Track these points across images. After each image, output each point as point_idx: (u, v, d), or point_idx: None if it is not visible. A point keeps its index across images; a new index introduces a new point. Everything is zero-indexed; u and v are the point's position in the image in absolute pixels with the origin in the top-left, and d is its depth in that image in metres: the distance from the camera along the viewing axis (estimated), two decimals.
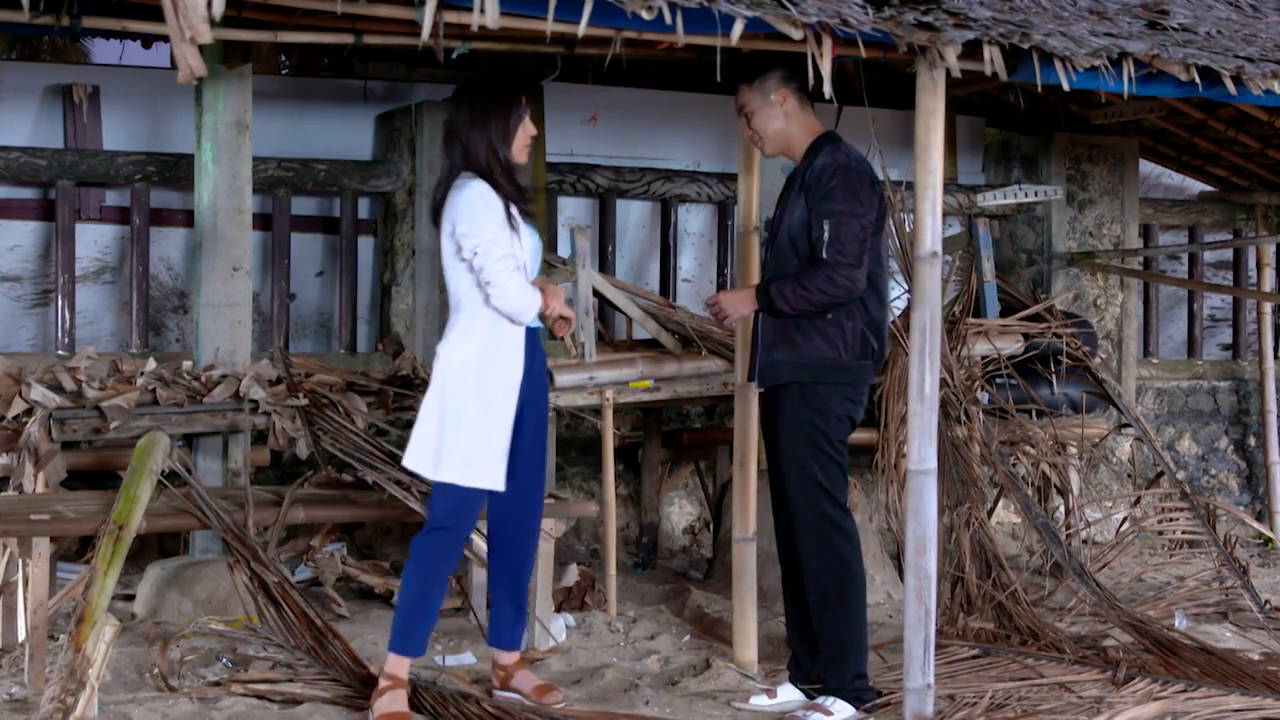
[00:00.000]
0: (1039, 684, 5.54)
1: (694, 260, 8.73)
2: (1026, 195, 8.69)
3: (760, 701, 5.35)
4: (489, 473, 4.97)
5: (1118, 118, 7.89)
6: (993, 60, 4.60)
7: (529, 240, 5.09)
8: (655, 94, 8.55)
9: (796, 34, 4.34)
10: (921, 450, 4.99)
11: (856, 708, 5.17)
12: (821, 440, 5.18)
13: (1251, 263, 9.73)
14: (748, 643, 5.84)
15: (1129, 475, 9.00)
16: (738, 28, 4.24)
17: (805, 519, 5.22)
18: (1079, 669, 5.70)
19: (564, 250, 7.37)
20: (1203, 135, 8.63)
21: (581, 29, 4.13)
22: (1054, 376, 7.66)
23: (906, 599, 5.04)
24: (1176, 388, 9.59)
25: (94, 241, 7.54)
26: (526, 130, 5.02)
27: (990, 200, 8.61)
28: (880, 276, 5.24)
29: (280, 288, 7.67)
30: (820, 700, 5.19)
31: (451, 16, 4.21)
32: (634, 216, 8.57)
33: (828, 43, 4.39)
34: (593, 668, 5.83)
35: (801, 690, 5.36)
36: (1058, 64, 4.65)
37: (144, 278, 7.43)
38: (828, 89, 4.39)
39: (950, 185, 8.69)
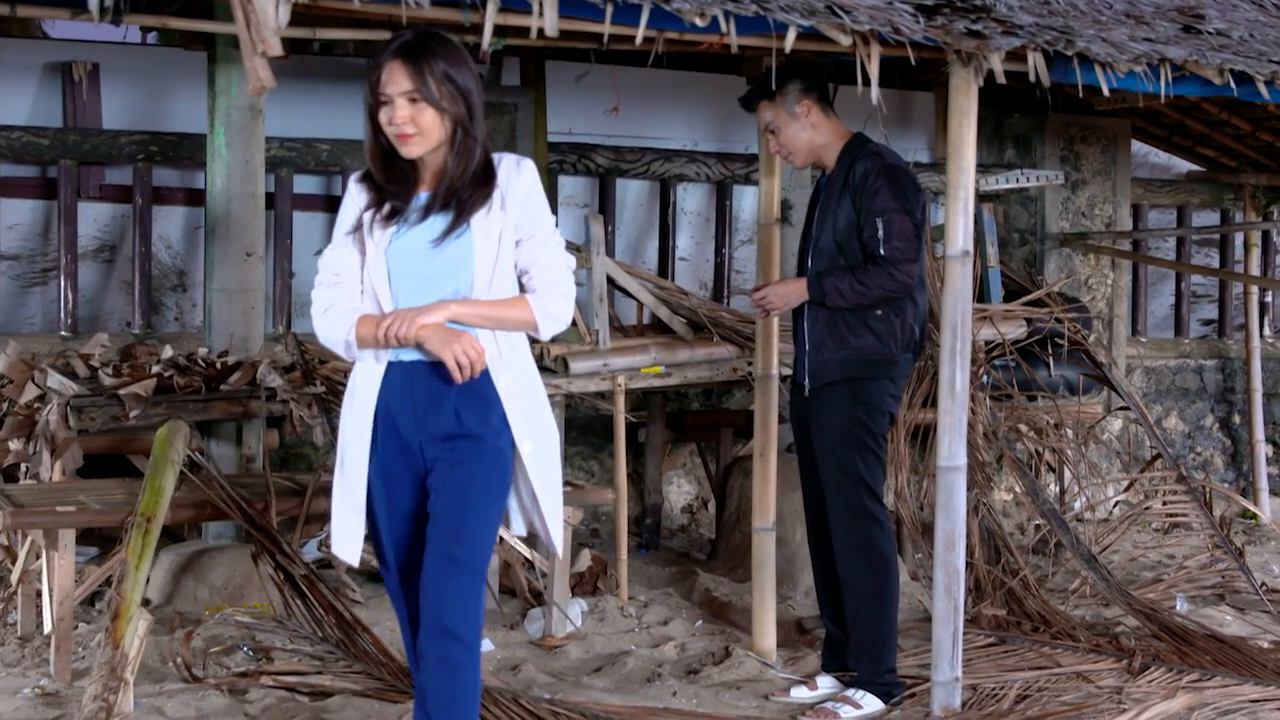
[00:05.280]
0: (1057, 673, 5.61)
1: (691, 240, 8.73)
2: (1027, 180, 8.72)
3: (801, 694, 5.39)
4: (337, 540, 3.90)
5: (1120, 103, 7.92)
6: (1035, 65, 4.62)
7: (382, 248, 3.71)
8: (654, 73, 8.47)
9: (845, 40, 4.35)
10: (952, 447, 5.02)
11: (885, 702, 5.23)
12: (866, 436, 5.22)
13: (1239, 239, 9.82)
14: (767, 632, 5.87)
15: (1117, 453, 9.09)
16: (791, 35, 4.25)
17: (844, 514, 5.25)
18: (1094, 657, 5.77)
19: (579, 237, 7.35)
20: (1195, 117, 8.68)
21: (639, 36, 4.13)
22: (1052, 359, 7.71)
23: (935, 594, 5.08)
24: (1164, 366, 9.69)
25: (93, 220, 7.45)
26: (388, 114, 3.65)
27: (991, 185, 8.64)
28: (924, 271, 5.28)
29: (283, 268, 7.62)
30: (850, 693, 5.24)
31: (502, 19, 4.19)
32: (632, 195, 8.56)
33: (875, 47, 4.40)
34: (612, 654, 5.86)
35: (836, 679, 5.41)
36: (1098, 69, 4.68)
37: (146, 257, 7.35)
38: (875, 94, 4.40)
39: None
